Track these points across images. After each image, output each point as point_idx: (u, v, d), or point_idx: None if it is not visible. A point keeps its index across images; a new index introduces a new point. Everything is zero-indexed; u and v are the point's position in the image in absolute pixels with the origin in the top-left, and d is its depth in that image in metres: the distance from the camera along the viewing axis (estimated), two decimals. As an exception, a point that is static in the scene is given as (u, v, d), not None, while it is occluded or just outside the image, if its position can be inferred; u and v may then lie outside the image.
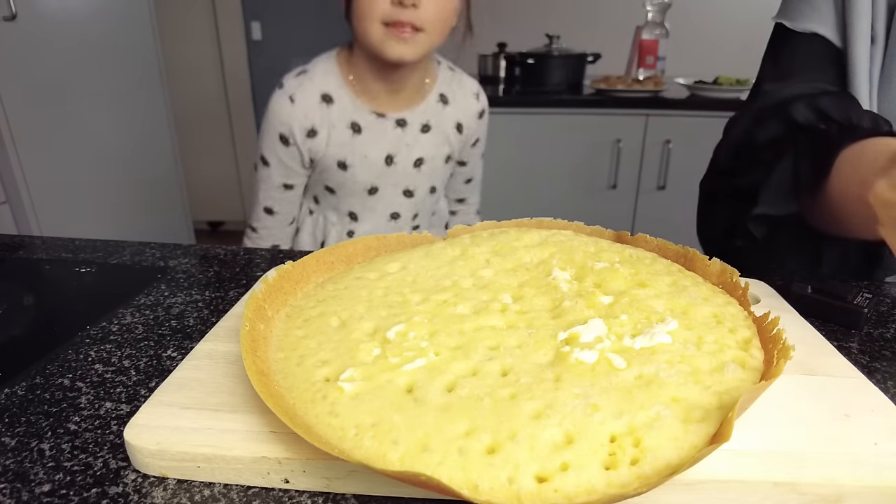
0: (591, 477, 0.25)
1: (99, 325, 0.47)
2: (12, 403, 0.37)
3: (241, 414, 0.32)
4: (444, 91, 0.97)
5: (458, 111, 0.98)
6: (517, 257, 0.44)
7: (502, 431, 0.27)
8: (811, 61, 0.64)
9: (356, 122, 0.90)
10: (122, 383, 0.39)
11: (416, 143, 0.95)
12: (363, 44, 0.85)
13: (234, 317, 0.43)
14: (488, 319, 0.36)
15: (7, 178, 1.56)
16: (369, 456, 0.27)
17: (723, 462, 0.28)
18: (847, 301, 0.46)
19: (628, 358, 0.32)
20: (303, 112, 0.88)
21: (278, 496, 0.29)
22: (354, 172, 0.93)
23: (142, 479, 0.30)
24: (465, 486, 0.25)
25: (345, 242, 0.48)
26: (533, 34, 2.26)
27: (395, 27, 0.80)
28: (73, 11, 1.71)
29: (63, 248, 0.64)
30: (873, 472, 0.28)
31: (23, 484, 0.30)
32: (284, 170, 0.93)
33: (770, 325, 0.34)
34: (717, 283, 0.41)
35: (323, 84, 0.89)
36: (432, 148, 0.97)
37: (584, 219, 0.52)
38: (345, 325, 0.37)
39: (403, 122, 0.93)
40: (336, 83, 0.90)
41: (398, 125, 0.93)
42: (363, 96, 0.91)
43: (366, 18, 0.81)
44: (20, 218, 1.60)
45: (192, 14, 2.79)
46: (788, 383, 0.34)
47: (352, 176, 0.93)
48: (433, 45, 0.86)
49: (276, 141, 0.90)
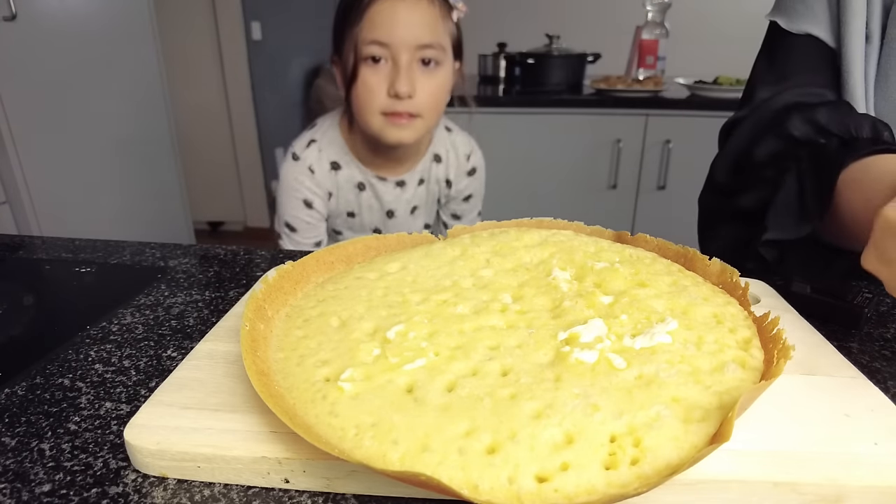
0: (591, 477, 0.25)
1: (99, 325, 0.47)
2: (12, 403, 0.37)
3: (241, 414, 0.32)
4: (439, 151, 1.02)
5: (448, 168, 1.04)
6: (517, 257, 0.44)
7: (502, 431, 0.27)
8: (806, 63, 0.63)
9: (361, 183, 0.98)
10: (122, 383, 0.39)
11: (413, 195, 1.02)
12: (364, 130, 0.91)
13: (234, 317, 0.43)
14: (488, 319, 0.36)
15: (7, 178, 1.56)
16: (369, 456, 0.27)
17: (723, 462, 0.28)
18: (847, 301, 0.46)
19: (628, 358, 0.32)
20: (320, 180, 0.96)
21: (278, 496, 0.29)
22: (362, 219, 1.01)
23: (142, 479, 0.30)
24: (465, 486, 0.25)
25: (344, 242, 0.48)
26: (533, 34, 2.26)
27: (393, 116, 0.86)
28: (73, 11, 1.71)
29: (63, 248, 0.64)
30: (873, 472, 0.28)
31: (23, 484, 0.30)
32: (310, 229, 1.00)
33: (770, 324, 0.34)
34: (717, 283, 0.41)
35: (331, 153, 0.96)
36: (426, 195, 1.04)
37: (584, 219, 0.52)
38: (345, 325, 0.37)
39: (402, 183, 1.00)
40: (341, 151, 0.96)
41: (398, 185, 1.00)
42: (366, 163, 0.97)
43: (365, 110, 0.87)
44: (20, 218, 1.60)
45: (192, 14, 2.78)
46: (788, 383, 0.34)
47: (359, 221, 1.01)
48: (429, 127, 0.92)
49: (300, 207, 0.96)
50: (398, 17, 0.82)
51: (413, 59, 0.84)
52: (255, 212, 3.13)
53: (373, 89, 0.84)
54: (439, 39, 0.85)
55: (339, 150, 0.96)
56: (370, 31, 0.82)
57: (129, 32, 1.93)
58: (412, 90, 0.84)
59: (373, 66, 0.84)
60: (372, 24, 0.82)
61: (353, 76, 0.85)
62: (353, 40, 0.84)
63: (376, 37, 0.82)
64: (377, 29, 0.82)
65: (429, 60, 0.85)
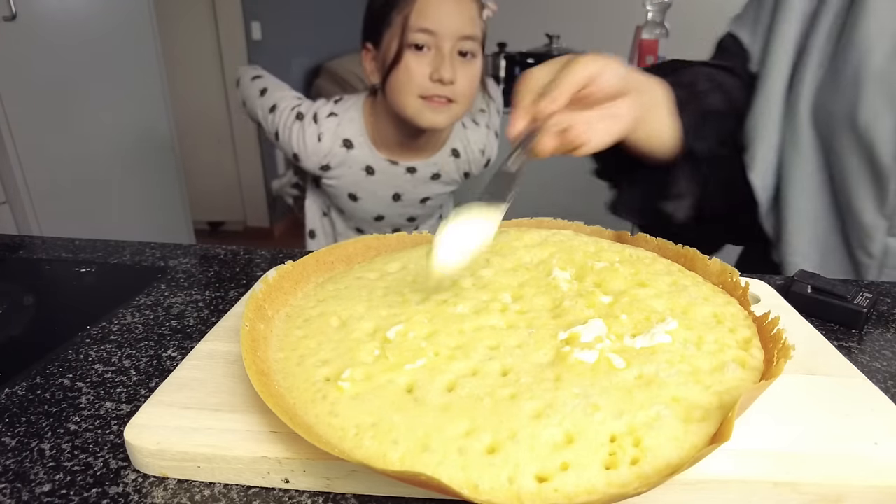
0: (592, 477, 0.25)
1: (99, 325, 0.47)
2: (12, 403, 0.37)
3: (241, 414, 0.32)
4: (457, 146, 1.05)
5: (467, 164, 1.07)
6: (517, 257, 0.44)
7: (502, 431, 0.27)
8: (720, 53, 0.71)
9: (371, 166, 1.00)
10: (123, 383, 0.39)
11: (425, 186, 1.04)
12: (399, 112, 0.93)
13: (234, 317, 0.43)
14: (488, 319, 0.36)
15: (7, 178, 1.56)
16: (369, 456, 0.27)
17: (723, 462, 0.28)
18: (847, 301, 0.46)
19: (628, 358, 0.32)
20: (325, 150, 0.98)
21: (278, 496, 0.29)
22: (363, 204, 1.03)
23: (142, 479, 0.30)
24: (466, 485, 0.25)
25: (344, 242, 0.48)
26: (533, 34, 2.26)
27: (430, 100, 0.90)
28: (73, 11, 1.71)
29: (63, 248, 0.64)
30: (873, 472, 0.28)
31: (23, 484, 0.30)
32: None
33: (770, 324, 0.34)
34: (717, 283, 0.41)
35: (347, 130, 0.98)
36: (440, 188, 1.07)
37: (584, 219, 0.52)
38: (345, 325, 0.37)
39: (413, 170, 1.02)
40: (358, 131, 0.98)
41: (408, 171, 1.02)
42: (380, 146, 1.00)
43: (404, 92, 0.89)
44: (20, 218, 1.60)
45: (192, 14, 2.78)
46: (788, 383, 0.34)
47: (360, 206, 1.03)
48: (462, 113, 0.96)
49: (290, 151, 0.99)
50: (446, 9, 0.87)
51: (454, 48, 0.88)
52: (255, 212, 3.13)
53: (415, 74, 0.88)
54: (476, 32, 0.90)
55: (357, 130, 0.98)
56: (419, 19, 0.86)
57: (129, 32, 1.93)
58: (454, 77, 0.88)
59: (416, 52, 0.88)
60: (421, 13, 0.86)
61: (396, 61, 0.88)
62: (398, 26, 0.87)
63: (425, 25, 0.86)
64: (426, 18, 0.86)
65: (466, 52, 0.90)
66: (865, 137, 0.58)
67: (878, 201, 0.60)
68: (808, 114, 0.62)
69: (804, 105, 0.62)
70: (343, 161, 0.99)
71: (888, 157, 0.57)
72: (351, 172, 1.00)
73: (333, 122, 0.97)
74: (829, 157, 0.62)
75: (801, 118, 0.63)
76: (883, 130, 0.57)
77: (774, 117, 0.65)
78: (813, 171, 0.64)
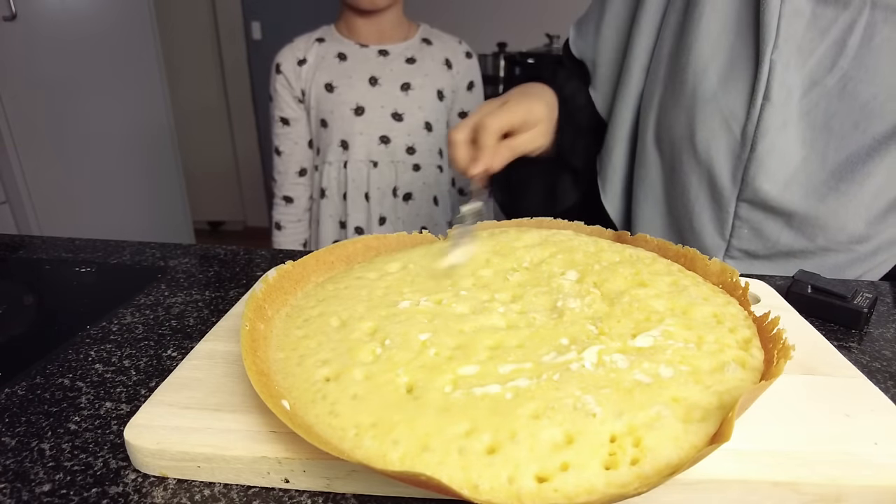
0: (591, 477, 0.25)
1: (99, 325, 0.47)
2: (12, 403, 0.37)
3: (241, 414, 0.32)
4: (427, 36, 1.12)
5: (443, 50, 1.11)
6: (517, 257, 0.44)
7: (502, 431, 0.27)
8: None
9: (343, 53, 1.08)
10: (123, 383, 0.39)
11: (402, 70, 1.07)
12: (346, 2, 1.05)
13: (234, 317, 0.43)
14: (488, 319, 0.36)
15: (7, 178, 1.56)
16: (369, 456, 0.27)
17: (723, 462, 0.28)
18: (847, 301, 0.46)
19: (628, 358, 0.32)
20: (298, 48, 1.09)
21: (278, 496, 0.29)
22: (340, 93, 1.06)
23: (142, 478, 0.30)
24: (466, 485, 0.25)
25: (344, 242, 0.48)
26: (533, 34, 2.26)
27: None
28: (73, 11, 1.71)
29: (63, 248, 0.64)
30: (873, 472, 0.28)
31: (23, 484, 0.30)
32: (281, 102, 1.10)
33: (770, 324, 0.34)
34: (717, 283, 0.41)
35: (319, 33, 1.11)
36: (420, 77, 1.08)
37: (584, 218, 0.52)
38: (345, 324, 0.37)
39: (385, 52, 1.08)
40: (329, 31, 1.11)
41: (381, 54, 1.08)
42: (350, 35, 1.09)
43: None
44: (20, 218, 1.60)
45: (192, 14, 2.79)
46: (789, 383, 0.34)
47: (338, 96, 1.06)
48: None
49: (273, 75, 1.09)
50: None
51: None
52: (255, 212, 3.13)
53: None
54: None
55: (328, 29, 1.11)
56: None
57: (129, 32, 1.93)
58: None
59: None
60: None
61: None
62: None
63: None
64: None
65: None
66: (704, 158, 0.58)
67: (717, 223, 0.60)
68: (653, 134, 0.63)
69: (650, 124, 0.63)
70: (317, 54, 1.07)
71: (726, 180, 0.58)
72: (325, 62, 1.07)
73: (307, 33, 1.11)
74: (672, 178, 0.63)
75: (647, 138, 0.64)
76: (719, 152, 0.57)
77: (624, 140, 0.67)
78: (659, 194, 0.65)
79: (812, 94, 0.53)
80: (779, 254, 0.60)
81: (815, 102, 0.53)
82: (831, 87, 0.52)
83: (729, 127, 0.56)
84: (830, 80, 0.52)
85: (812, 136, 0.54)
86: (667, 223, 0.66)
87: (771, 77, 0.53)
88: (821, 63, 0.52)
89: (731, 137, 0.56)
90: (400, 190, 1.09)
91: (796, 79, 0.53)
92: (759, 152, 0.55)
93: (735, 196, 0.58)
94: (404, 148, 1.08)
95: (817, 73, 0.53)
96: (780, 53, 0.52)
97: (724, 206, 0.59)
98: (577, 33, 0.72)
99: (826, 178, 0.54)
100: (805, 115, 0.54)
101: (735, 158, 0.57)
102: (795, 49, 0.53)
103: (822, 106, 0.53)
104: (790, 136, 0.54)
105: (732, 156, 0.57)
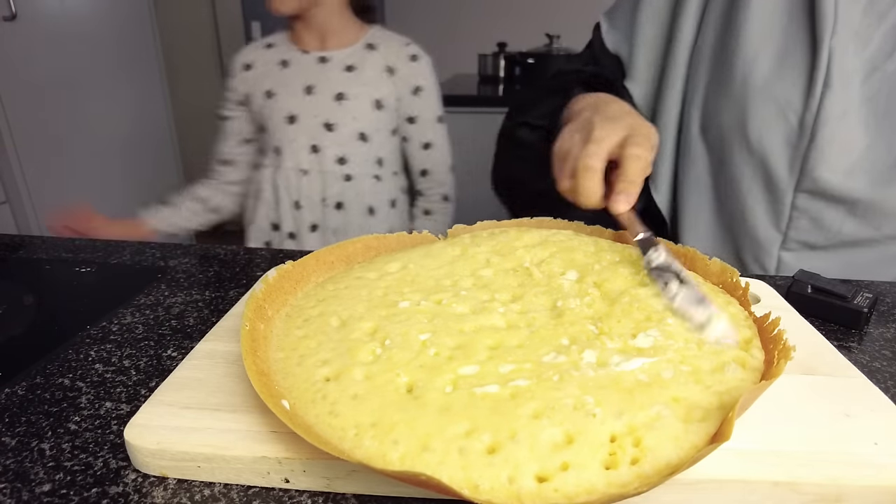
0: (592, 476, 0.25)
1: (99, 325, 0.47)
2: (12, 403, 0.37)
3: (241, 414, 0.32)
4: (372, 41, 1.11)
5: (386, 55, 1.10)
6: (517, 257, 0.44)
7: (502, 431, 0.27)
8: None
9: (285, 60, 1.10)
10: (123, 383, 0.39)
11: (339, 79, 1.07)
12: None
13: (234, 317, 0.43)
14: (488, 319, 0.36)
15: (7, 178, 1.56)
16: (369, 456, 0.27)
17: (723, 462, 0.28)
18: (847, 301, 0.46)
19: (628, 358, 0.31)
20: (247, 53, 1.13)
21: (278, 496, 0.29)
22: (277, 100, 1.07)
23: (142, 478, 0.30)
24: (466, 485, 0.25)
25: (345, 242, 0.48)
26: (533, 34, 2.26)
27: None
28: (73, 11, 1.71)
29: (63, 248, 0.64)
30: (873, 472, 0.28)
31: (23, 484, 0.30)
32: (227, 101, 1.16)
33: (771, 325, 0.34)
34: (717, 283, 0.41)
35: (272, 38, 1.14)
36: (357, 86, 1.08)
37: (583, 218, 0.52)
38: (345, 324, 0.37)
39: (325, 59, 1.08)
40: (281, 37, 1.14)
41: (320, 61, 1.08)
42: (295, 41, 1.11)
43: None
44: (20, 218, 1.60)
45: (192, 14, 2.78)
46: (789, 383, 0.34)
47: (275, 104, 1.08)
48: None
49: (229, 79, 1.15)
50: None
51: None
52: (255, 212, 3.12)
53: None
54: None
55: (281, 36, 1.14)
56: None
57: (129, 32, 1.93)
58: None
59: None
60: None
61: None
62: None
63: None
64: None
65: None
66: (757, 149, 0.57)
67: (772, 215, 0.59)
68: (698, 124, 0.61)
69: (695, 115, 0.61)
70: (263, 60, 1.11)
71: (783, 170, 0.56)
72: (268, 68, 1.09)
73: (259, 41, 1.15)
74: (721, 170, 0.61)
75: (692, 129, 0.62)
76: (774, 142, 0.56)
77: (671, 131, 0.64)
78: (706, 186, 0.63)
79: (873, 80, 0.52)
80: (840, 244, 0.58)
81: (877, 88, 0.52)
82: (892, 73, 0.52)
83: (785, 116, 0.55)
84: (891, 66, 0.51)
85: (875, 123, 0.53)
86: (715, 216, 0.63)
87: (831, 64, 0.52)
88: (880, 48, 0.52)
89: (788, 127, 0.55)
90: (329, 199, 1.09)
91: (856, 64, 0.52)
92: (818, 141, 0.54)
93: (792, 187, 0.56)
94: (334, 158, 1.08)
95: (877, 58, 0.52)
96: (838, 39, 0.51)
97: (780, 198, 0.57)
98: (610, 25, 0.69)
99: (893, 164, 0.53)
100: (867, 101, 0.53)
101: (792, 148, 0.55)
102: (853, 34, 0.52)
103: (884, 91, 0.52)
104: (852, 124, 0.53)
105: (789, 146, 0.55)
